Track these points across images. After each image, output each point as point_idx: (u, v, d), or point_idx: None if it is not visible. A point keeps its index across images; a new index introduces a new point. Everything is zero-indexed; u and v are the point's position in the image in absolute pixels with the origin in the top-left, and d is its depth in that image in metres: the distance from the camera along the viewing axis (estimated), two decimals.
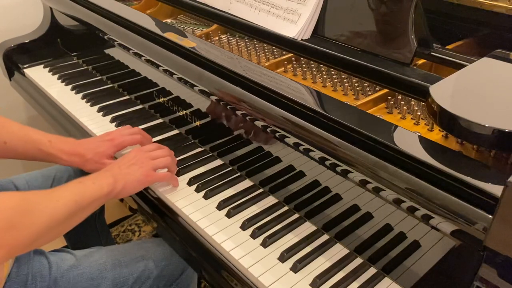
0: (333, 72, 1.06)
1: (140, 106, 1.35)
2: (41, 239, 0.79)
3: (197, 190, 1.02)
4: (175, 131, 1.23)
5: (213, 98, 1.02)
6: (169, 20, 1.41)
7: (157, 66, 1.16)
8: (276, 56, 1.16)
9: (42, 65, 1.56)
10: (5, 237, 0.72)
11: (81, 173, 1.26)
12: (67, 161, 1.04)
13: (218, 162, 1.11)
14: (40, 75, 1.51)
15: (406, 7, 0.88)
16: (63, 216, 0.81)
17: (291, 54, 1.11)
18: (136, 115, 1.30)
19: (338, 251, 0.88)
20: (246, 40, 1.23)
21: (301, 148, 0.86)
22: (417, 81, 0.84)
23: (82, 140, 1.09)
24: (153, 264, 0.99)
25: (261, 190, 1.02)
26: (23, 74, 1.55)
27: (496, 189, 0.61)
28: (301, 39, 1.02)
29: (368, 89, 1.00)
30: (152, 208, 1.03)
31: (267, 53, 1.17)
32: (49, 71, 1.53)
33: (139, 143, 1.12)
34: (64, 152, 1.03)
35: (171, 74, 1.12)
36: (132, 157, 0.98)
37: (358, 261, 0.86)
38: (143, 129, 1.22)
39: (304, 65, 1.10)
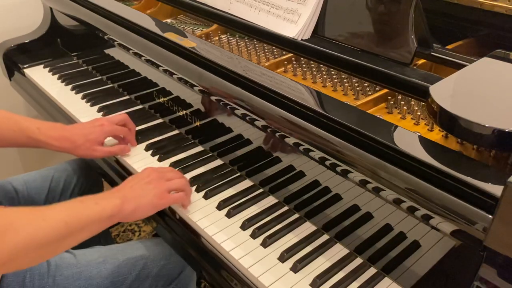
0: (333, 72, 1.06)
1: (140, 106, 1.35)
2: (19, 261, 0.72)
3: (197, 190, 1.01)
4: (175, 131, 1.23)
5: (213, 98, 1.02)
6: (169, 20, 1.41)
7: (157, 66, 1.16)
8: (276, 56, 1.16)
9: (42, 65, 1.56)
10: None
11: (80, 172, 1.26)
12: (57, 147, 1.05)
13: (218, 162, 1.11)
14: (40, 75, 1.51)
15: (406, 7, 0.88)
16: (48, 237, 0.74)
17: (291, 54, 1.11)
18: (136, 115, 1.29)
19: (338, 251, 0.88)
20: (246, 40, 1.23)
21: (301, 148, 0.86)
22: (417, 81, 0.84)
23: (71, 126, 1.11)
24: (152, 263, 0.99)
25: (261, 190, 1.02)
26: (23, 74, 1.55)
27: (496, 189, 0.61)
28: (301, 39, 1.02)
29: (368, 89, 1.00)
30: None
31: (267, 53, 1.17)
32: (49, 71, 1.53)
33: (127, 134, 1.15)
34: (54, 138, 1.04)
35: (171, 74, 1.12)
36: (146, 175, 0.93)
37: (358, 261, 0.86)
38: (143, 129, 1.23)
39: (304, 65, 1.10)
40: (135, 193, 0.88)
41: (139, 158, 1.13)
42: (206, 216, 0.95)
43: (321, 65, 1.08)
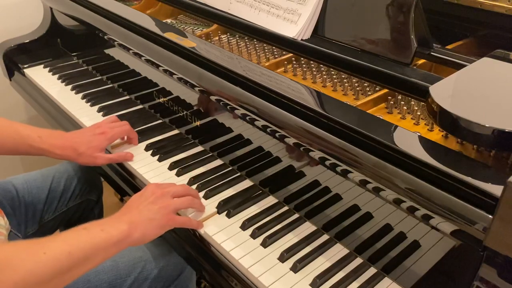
0: (333, 72, 1.06)
1: (140, 106, 1.35)
2: None
3: (198, 190, 1.01)
4: (175, 131, 1.23)
5: (213, 98, 1.02)
6: (169, 20, 1.41)
7: (157, 66, 1.16)
8: (276, 56, 1.16)
9: (42, 65, 1.56)
10: None
11: (81, 173, 1.26)
12: (60, 155, 1.05)
13: (218, 162, 1.11)
14: (40, 75, 1.51)
15: (406, 7, 0.88)
16: (50, 272, 0.68)
17: (291, 54, 1.11)
18: (136, 115, 1.30)
19: (338, 251, 0.88)
20: (246, 40, 1.23)
21: (301, 148, 0.86)
22: (417, 81, 0.84)
23: (72, 133, 1.11)
24: (151, 265, 0.99)
25: (261, 190, 1.02)
26: (23, 74, 1.55)
27: (496, 189, 0.61)
28: (301, 39, 1.02)
29: (368, 89, 1.00)
30: None
31: (267, 53, 1.17)
32: (49, 71, 1.53)
33: (128, 134, 1.16)
34: (57, 146, 1.05)
35: (171, 74, 1.12)
36: (150, 194, 0.89)
37: (358, 261, 0.86)
38: (143, 129, 1.23)
39: (304, 65, 1.10)
40: (142, 216, 0.84)
41: (139, 158, 1.13)
42: (206, 216, 0.95)
43: (321, 65, 1.08)
